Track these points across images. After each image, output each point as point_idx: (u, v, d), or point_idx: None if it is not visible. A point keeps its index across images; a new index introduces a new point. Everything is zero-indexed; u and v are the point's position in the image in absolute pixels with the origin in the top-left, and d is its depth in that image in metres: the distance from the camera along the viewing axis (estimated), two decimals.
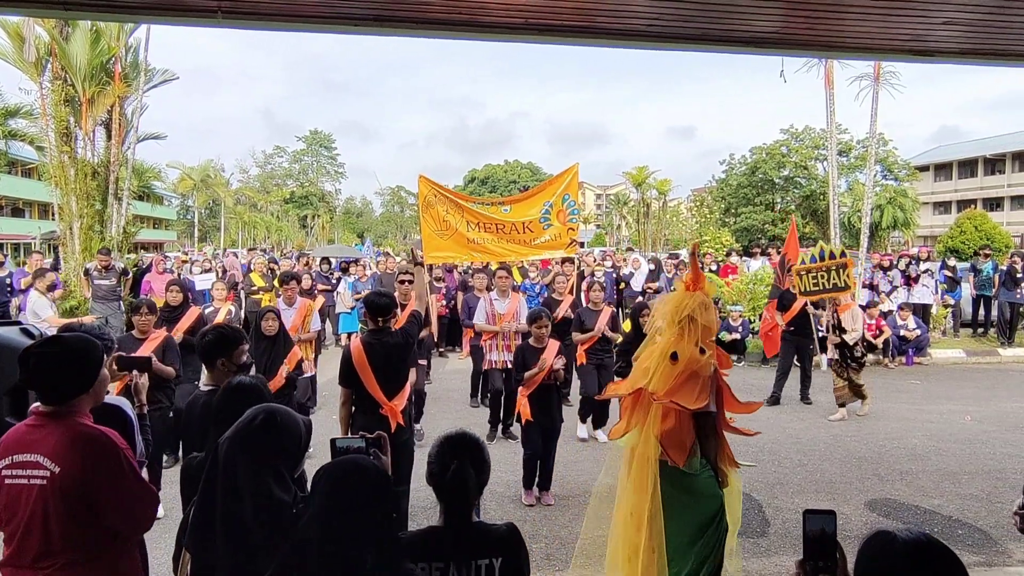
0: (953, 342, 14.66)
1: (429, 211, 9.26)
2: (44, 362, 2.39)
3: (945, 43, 4.25)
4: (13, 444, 2.35)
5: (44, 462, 2.29)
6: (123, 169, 14.52)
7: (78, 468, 2.30)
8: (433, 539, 2.11)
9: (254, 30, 4.06)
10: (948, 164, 53.28)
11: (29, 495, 2.29)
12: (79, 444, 2.33)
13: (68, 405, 2.41)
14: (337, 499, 1.82)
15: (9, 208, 41.83)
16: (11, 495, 2.31)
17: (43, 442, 2.32)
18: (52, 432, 2.34)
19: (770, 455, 7.33)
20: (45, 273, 9.55)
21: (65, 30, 13.45)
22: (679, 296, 3.54)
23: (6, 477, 2.31)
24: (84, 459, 2.31)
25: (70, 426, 2.38)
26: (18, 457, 2.32)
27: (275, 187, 71.26)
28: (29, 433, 2.36)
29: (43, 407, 2.41)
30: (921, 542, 1.46)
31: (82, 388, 2.45)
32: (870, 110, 15.37)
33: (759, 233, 41.21)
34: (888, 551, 1.47)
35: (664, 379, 3.37)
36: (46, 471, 2.29)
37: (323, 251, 29.11)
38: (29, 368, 2.39)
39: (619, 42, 4.09)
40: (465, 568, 2.06)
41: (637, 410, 3.55)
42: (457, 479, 2.12)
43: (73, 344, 2.47)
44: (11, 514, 2.32)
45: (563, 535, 5.34)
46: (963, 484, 6.47)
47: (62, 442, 2.32)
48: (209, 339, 3.55)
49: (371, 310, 4.84)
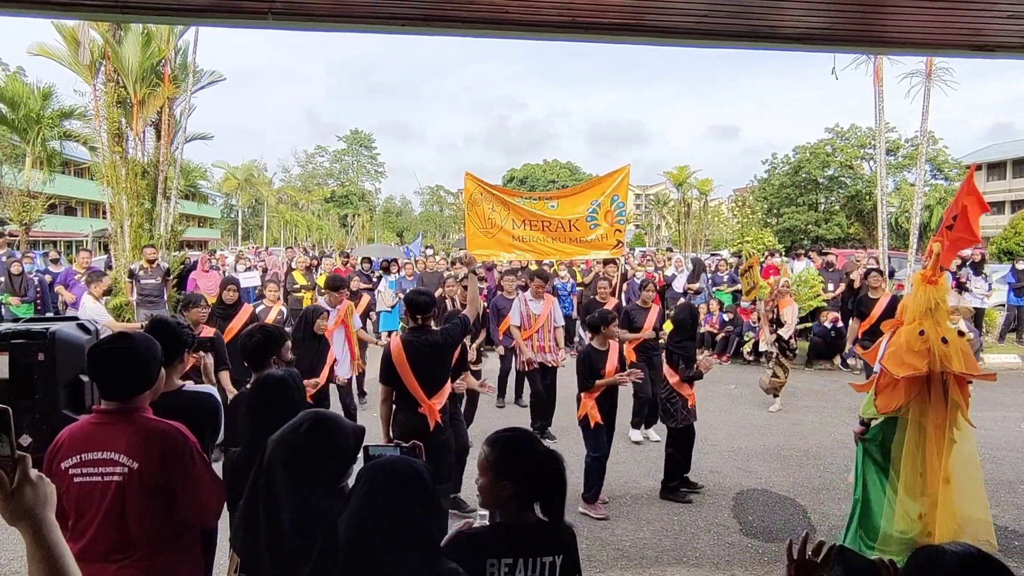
0: (1009, 347, 14.19)
1: (474, 208, 9.26)
2: (114, 359, 2.45)
3: (1007, 37, 4.10)
4: (81, 442, 2.40)
5: (121, 459, 2.36)
6: (171, 169, 14.88)
7: (156, 463, 2.37)
8: (499, 536, 2.12)
9: (303, 31, 4.10)
10: (1002, 163, 51.48)
11: (105, 492, 2.35)
12: (154, 440, 2.41)
13: (133, 401, 2.46)
14: (374, 499, 1.80)
15: (63, 207, 43.18)
16: (82, 492, 2.37)
17: (117, 439, 2.38)
18: (124, 429, 2.40)
19: (815, 460, 7.19)
20: (101, 277, 8.64)
21: (118, 33, 13.82)
22: (921, 289, 4.45)
23: (75, 476, 2.37)
24: (161, 454, 2.39)
25: (141, 422, 2.44)
26: (89, 455, 2.37)
27: (316, 186, 72.24)
28: (98, 431, 2.41)
29: (108, 404, 2.46)
30: (972, 555, 1.39)
31: (148, 385, 2.51)
32: (921, 107, 14.97)
33: (802, 234, 40.40)
34: (936, 566, 1.40)
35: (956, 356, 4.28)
36: (124, 467, 2.35)
37: (365, 250, 29.41)
38: (99, 364, 2.46)
39: (667, 40, 4.04)
40: (532, 565, 2.10)
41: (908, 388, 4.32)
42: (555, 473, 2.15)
43: (141, 342, 2.53)
44: (81, 512, 2.38)
45: (604, 536, 5.31)
46: (1019, 494, 6.26)
47: (137, 438, 2.39)
48: (258, 339, 3.61)
49: (411, 308, 4.87)
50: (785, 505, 5.95)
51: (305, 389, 3.14)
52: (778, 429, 8.28)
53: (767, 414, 9.10)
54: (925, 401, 4.30)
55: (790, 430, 8.32)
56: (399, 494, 1.80)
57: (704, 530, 5.46)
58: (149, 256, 11.88)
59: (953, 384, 4.30)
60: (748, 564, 4.93)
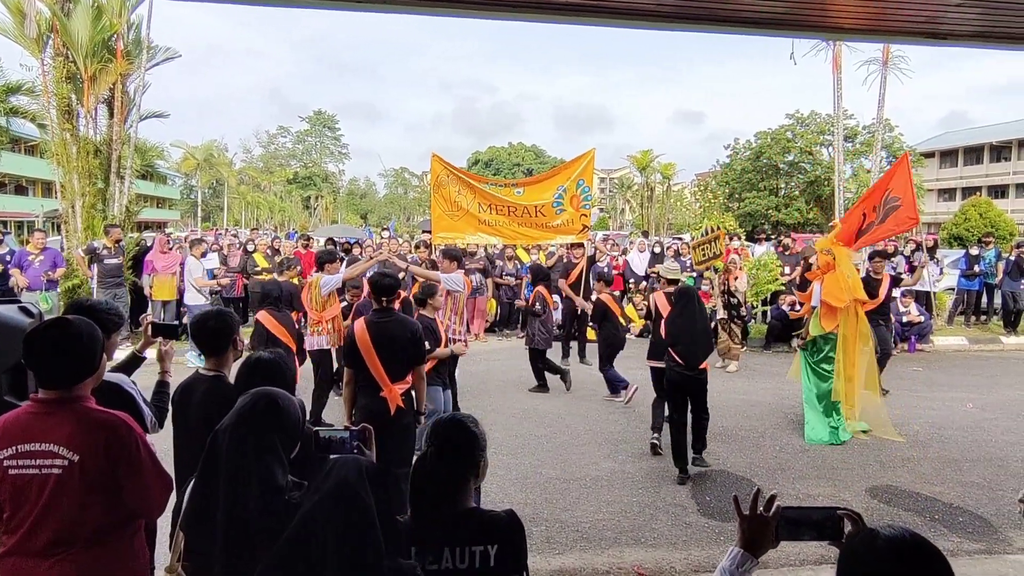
0: (957, 330, 14.62)
1: (440, 191, 9.20)
2: (51, 345, 2.32)
3: (959, 25, 4.16)
4: (17, 433, 2.28)
5: (61, 451, 2.24)
6: (125, 147, 14.45)
7: (99, 456, 2.27)
8: (426, 525, 2.05)
9: (254, 6, 3.99)
10: (954, 151, 52.85)
11: (43, 485, 2.24)
12: (96, 431, 2.29)
13: (74, 389, 2.35)
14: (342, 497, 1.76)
15: (12, 186, 41.73)
16: (18, 486, 2.26)
17: (56, 430, 2.27)
18: (64, 420, 2.29)
19: (771, 440, 7.33)
20: (200, 242, 12.49)
21: (66, 6, 13.32)
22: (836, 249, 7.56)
23: (10, 468, 2.25)
24: (104, 446, 2.28)
25: (83, 412, 2.32)
26: (25, 447, 2.25)
27: (278, 167, 71.02)
28: (36, 421, 2.29)
29: (46, 393, 2.34)
30: (905, 539, 1.40)
31: (90, 372, 2.40)
32: (878, 95, 15.28)
33: (763, 218, 40.90)
34: (870, 549, 1.42)
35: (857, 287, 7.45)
36: (63, 460, 2.24)
37: (326, 231, 29.04)
38: (35, 351, 2.33)
39: (625, 22, 4.00)
40: (460, 554, 2.02)
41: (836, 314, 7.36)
42: (430, 467, 2.08)
43: (80, 327, 2.40)
44: (17, 505, 2.27)
45: (563, 518, 5.35)
46: (965, 471, 6.46)
47: (78, 430, 2.27)
48: (214, 324, 3.47)
49: (376, 290, 4.82)
50: (742, 485, 6.07)
51: (296, 370, 3.08)
52: (735, 410, 8.42)
53: (724, 396, 9.25)
54: (848, 321, 7.38)
55: (747, 411, 8.47)
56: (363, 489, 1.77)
57: (662, 511, 5.54)
58: (115, 236, 11.59)
59: (859, 308, 7.46)
60: (705, 543, 5.02)
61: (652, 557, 4.80)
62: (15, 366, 3.19)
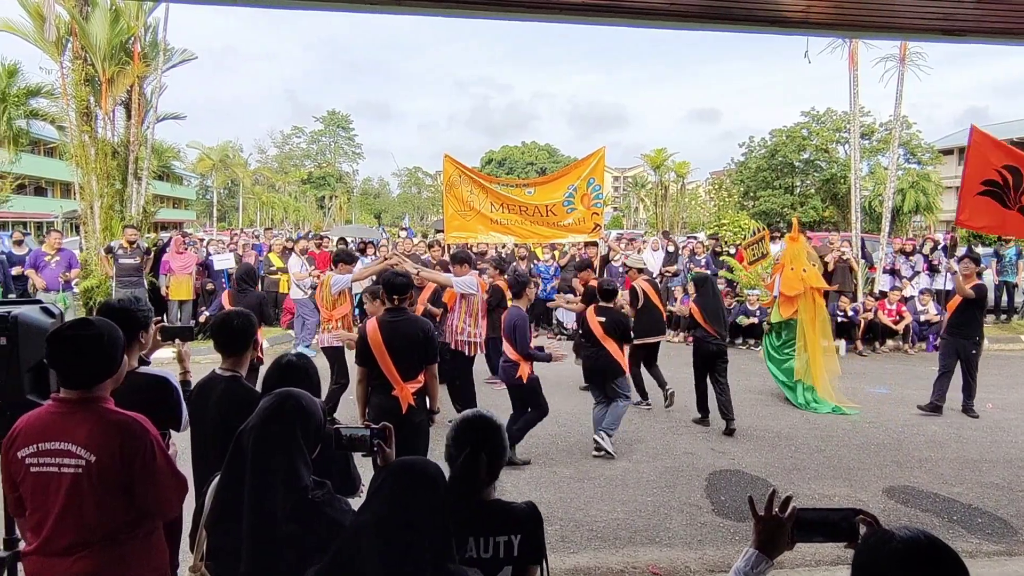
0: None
1: (453, 191, 9.24)
2: (74, 345, 2.34)
3: (977, 22, 4.13)
4: (39, 431, 2.31)
5: (78, 451, 2.27)
6: (142, 149, 14.58)
7: (115, 457, 2.29)
8: (454, 516, 2.10)
9: (270, 8, 4.02)
10: None
11: (60, 483, 2.28)
12: (113, 432, 2.32)
13: (94, 390, 2.38)
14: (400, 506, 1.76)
15: (32, 187, 42.24)
16: (38, 483, 2.30)
17: (74, 430, 2.29)
18: (83, 420, 2.31)
19: (787, 440, 7.29)
20: (303, 239, 13.91)
21: (84, 10, 13.46)
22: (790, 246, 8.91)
23: (31, 465, 2.29)
24: (120, 447, 2.30)
25: (101, 413, 2.35)
26: (46, 445, 2.29)
27: (293, 168, 71.36)
28: (56, 421, 2.32)
29: (67, 393, 2.37)
30: (920, 542, 1.39)
31: (109, 372, 2.42)
32: (895, 92, 15.05)
33: (778, 217, 40.63)
34: (885, 551, 1.41)
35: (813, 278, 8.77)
36: (80, 460, 2.27)
37: (340, 231, 29.18)
38: (56, 351, 2.36)
39: (641, 21, 4.00)
40: (484, 544, 2.11)
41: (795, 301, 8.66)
42: (468, 466, 2.16)
43: (102, 328, 2.42)
44: (38, 503, 2.31)
45: (578, 517, 5.35)
46: (984, 472, 6.40)
47: (95, 430, 2.30)
48: (238, 323, 3.40)
49: (388, 289, 4.83)
50: (757, 485, 6.04)
51: (319, 372, 3.11)
52: (751, 410, 8.39)
53: (740, 395, 9.20)
54: (806, 307, 8.62)
55: (763, 411, 8.43)
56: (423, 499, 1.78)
57: (677, 510, 5.53)
58: (129, 236, 11.75)
59: (817, 295, 8.73)
60: (720, 543, 5.00)
61: (666, 557, 4.79)
62: (37, 365, 3.25)
